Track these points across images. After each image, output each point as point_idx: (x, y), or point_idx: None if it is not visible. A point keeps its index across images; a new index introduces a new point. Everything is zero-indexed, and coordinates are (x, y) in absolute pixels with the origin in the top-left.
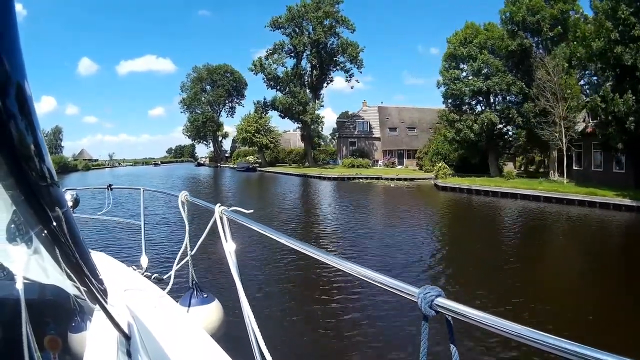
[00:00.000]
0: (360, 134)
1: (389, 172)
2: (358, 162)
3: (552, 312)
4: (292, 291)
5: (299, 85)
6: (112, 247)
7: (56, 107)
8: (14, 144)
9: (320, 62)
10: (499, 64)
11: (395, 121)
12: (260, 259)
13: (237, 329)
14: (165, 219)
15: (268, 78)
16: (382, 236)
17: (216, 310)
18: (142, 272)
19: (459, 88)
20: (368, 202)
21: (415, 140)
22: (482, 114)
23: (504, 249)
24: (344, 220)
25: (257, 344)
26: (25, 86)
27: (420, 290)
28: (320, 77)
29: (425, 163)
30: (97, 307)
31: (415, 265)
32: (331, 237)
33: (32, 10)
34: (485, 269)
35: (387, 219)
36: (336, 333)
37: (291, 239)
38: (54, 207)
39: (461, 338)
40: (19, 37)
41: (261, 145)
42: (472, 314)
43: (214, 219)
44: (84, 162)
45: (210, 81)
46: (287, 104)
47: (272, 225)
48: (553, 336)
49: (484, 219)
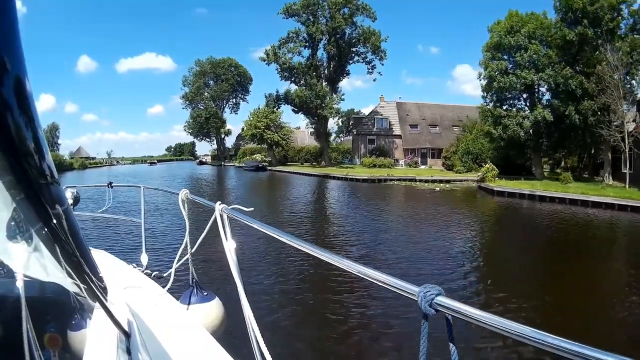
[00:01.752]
0: (380, 131)
1: (420, 172)
2: (380, 162)
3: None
4: (292, 289)
5: (315, 77)
6: (112, 244)
7: (55, 105)
8: (14, 141)
9: (338, 52)
10: (552, 55)
11: (415, 118)
12: (261, 257)
13: (237, 327)
14: (165, 217)
15: (282, 68)
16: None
17: (216, 308)
18: (142, 270)
19: (508, 81)
20: (427, 213)
21: (438, 138)
22: (533, 109)
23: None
24: (418, 240)
25: (257, 341)
26: (26, 83)
27: (420, 288)
28: (337, 69)
29: (456, 163)
30: (97, 305)
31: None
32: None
33: (31, 8)
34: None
35: (480, 240)
36: (336, 331)
37: (291, 237)
38: (55, 205)
39: (461, 337)
40: (19, 34)
41: (272, 142)
42: (472, 313)
43: (214, 217)
44: (80, 160)
45: (214, 75)
46: (304, 97)
47: (331, 249)
48: (553, 335)
49: (582, 237)
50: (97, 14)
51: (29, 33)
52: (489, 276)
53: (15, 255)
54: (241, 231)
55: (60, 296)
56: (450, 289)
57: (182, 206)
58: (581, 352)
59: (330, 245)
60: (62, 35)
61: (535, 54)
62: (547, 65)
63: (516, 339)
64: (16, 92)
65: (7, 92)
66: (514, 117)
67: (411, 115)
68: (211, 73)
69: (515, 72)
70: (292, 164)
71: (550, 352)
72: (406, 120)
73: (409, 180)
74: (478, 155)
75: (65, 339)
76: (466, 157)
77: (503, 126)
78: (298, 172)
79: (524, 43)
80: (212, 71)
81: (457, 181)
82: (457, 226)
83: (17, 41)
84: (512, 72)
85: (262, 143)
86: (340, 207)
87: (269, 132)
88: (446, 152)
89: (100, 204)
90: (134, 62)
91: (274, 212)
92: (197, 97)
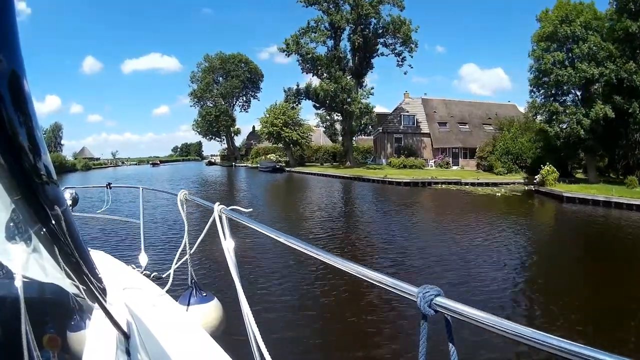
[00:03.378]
0: (407, 129)
1: (459, 174)
2: (410, 162)
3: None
4: (291, 290)
5: (339, 70)
6: (112, 245)
7: (60, 106)
8: (12, 142)
9: (364, 43)
10: (612, 48)
11: (443, 115)
12: (259, 257)
13: (236, 328)
14: (164, 218)
15: (305, 59)
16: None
17: (215, 308)
18: (141, 271)
19: (566, 74)
20: (525, 235)
21: (469, 137)
22: (593, 106)
23: None
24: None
25: (256, 342)
26: (24, 84)
27: (419, 289)
28: (363, 62)
29: (495, 164)
30: (96, 306)
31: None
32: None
33: (36, 9)
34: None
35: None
36: (335, 331)
37: (289, 238)
38: (53, 206)
39: (460, 337)
40: (18, 34)
41: (290, 141)
42: (471, 314)
43: (213, 218)
44: (83, 160)
45: (223, 72)
46: (329, 91)
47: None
48: (552, 336)
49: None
50: (102, 15)
51: (34, 34)
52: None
53: (14, 256)
54: (240, 232)
55: (59, 297)
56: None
57: (181, 207)
58: (581, 353)
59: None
60: (67, 36)
61: (595, 46)
62: (605, 58)
63: (515, 340)
64: (14, 92)
65: (5, 92)
66: (573, 114)
67: (438, 113)
68: (221, 69)
69: (574, 65)
70: (311, 165)
71: (550, 353)
72: (434, 118)
73: (454, 183)
74: (518, 156)
75: (64, 340)
76: (505, 158)
77: (559, 123)
78: (322, 173)
79: (582, 34)
80: (221, 67)
81: (503, 184)
82: (580, 257)
83: (16, 41)
84: (569, 65)
85: (278, 142)
86: (400, 221)
87: (287, 130)
88: (481, 152)
89: (99, 205)
90: (139, 63)
91: (313, 227)
92: (206, 94)
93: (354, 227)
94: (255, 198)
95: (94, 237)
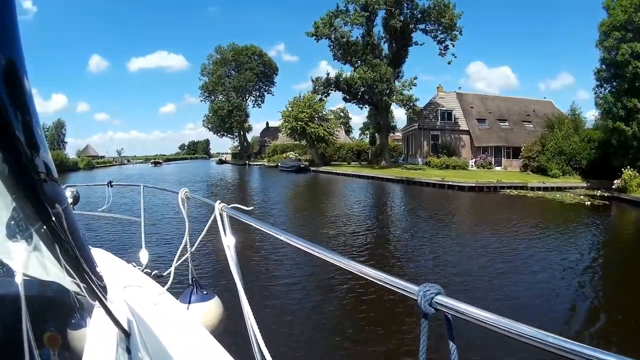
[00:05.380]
0: (444, 125)
1: (524, 178)
2: (453, 162)
3: None
4: (291, 288)
5: (374, 57)
6: (112, 243)
7: (67, 105)
8: (13, 140)
9: (402, 28)
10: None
11: (481, 111)
12: (260, 256)
13: (236, 326)
14: (165, 216)
15: (338, 44)
16: None
17: (216, 307)
18: (141, 269)
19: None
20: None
21: (510, 134)
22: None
23: None
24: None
25: (257, 340)
26: (25, 82)
27: (420, 288)
28: (401, 49)
29: (550, 166)
30: (97, 304)
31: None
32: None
33: (42, 8)
34: None
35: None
36: (335, 330)
37: (290, 236)
38: (54, 204)
39: (461, 336)
40: (19, 32)
41: (317, 137)
42: (472, 312)
43: (214, 216)
44: (86, 159)
45: (236, 65)
46: (369, 79)
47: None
48: (554, 335)
49: None
50: (108, 13)
51: (40, 33)
52: None
53: (14, 255)
54: (241, 230)
55: (59, 295)
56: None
57: (182, 205)
58: (582, 352)
59: None
60: (73, 35)
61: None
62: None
63: (517, 339)
64: (14, 90)
65: (4, 90)
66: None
67: (476, 108)
68: (233, 61)
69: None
70: (336, 164)
71: (551, 352)
72: (471, 114)
73: (520, 187)
74: (572, 157)
75: (65, 338)
76: (558, 158)
77: (638, 122)
78: (357, 174)
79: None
80: (234, 59)
81: (568, 188)
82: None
83: (17, 39)
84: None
85: (302, 138)
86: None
87: (312, 125)
88: (528, 152)
89: (100, 203)
90: (145, 61)
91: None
92: (218, 87)
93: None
94: (299, 211)
95: (94, 235)
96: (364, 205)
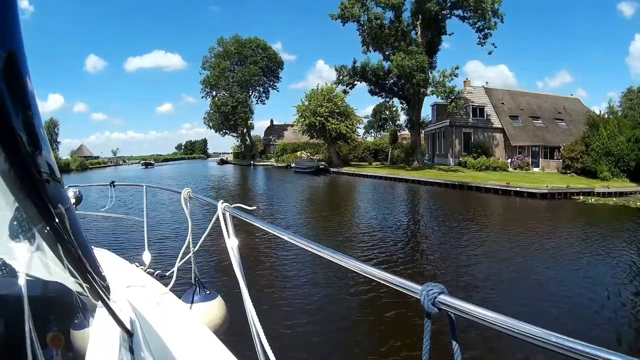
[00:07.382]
0: (477, 122)
1: (570, 180)
2: (493, 163)
3: None
4: (294, 288)
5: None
6: (115, 243)
7: (64, 105)
8: (16, 140)
9: (436, 14)
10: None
11: (512, 108)
12: (263, 255)
13: (239, 326)
14: (168, 216)
15: (369, 28)
16: None
17: (219, 307)
18: (144, 269)
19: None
20: None
21: (546, 133)
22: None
23: None
24: None
25: (260, 340)
26: (27, 82)
27: (423, 287)
28: (434, 37)
29: (599, 168)
30: (100, 304)
31: None
32: None
33: (38, 7)
34: None
35: None
36: (338, 329)
37: (293, 236)
38: (57, 204)
39: (464, 335)
40: (21, 31)
41: (338, 134)
42: (475, 312)
43: (217, 216)
44: (79, 159)
45: (239, 58)
46: (408, 67)
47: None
48: (556, 334)
49: None
50: (105, 13)
51: (36, 33)
52: None
53: (17, 255)
54: (244, 230)
55: (62, 295)
56: None
57: (185, 205)
58: (585, 351)
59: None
60: (70, 34)
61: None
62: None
63: (520, 338)
64: (17, 91)
65: (8, 90)
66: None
67: (507, 105)
68: (237, 54)
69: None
70: (357, 164)
71: (554, 351)
72: (503, 111)
73: (587, 193)
74: (620, 158)
75: (68, 338)
76: (605, 159)
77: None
78: (391, 176)
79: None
80: (237, 52)
81: (630, 194)
82: None
83: (19, 39)
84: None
85: (321, 136)
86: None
87: (333, 121)
88: (570, 152)
89: (102, 203)
90: (142, 61)
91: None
92: (220, 82)
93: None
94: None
95: (97, 236)
96: (430, 222)
